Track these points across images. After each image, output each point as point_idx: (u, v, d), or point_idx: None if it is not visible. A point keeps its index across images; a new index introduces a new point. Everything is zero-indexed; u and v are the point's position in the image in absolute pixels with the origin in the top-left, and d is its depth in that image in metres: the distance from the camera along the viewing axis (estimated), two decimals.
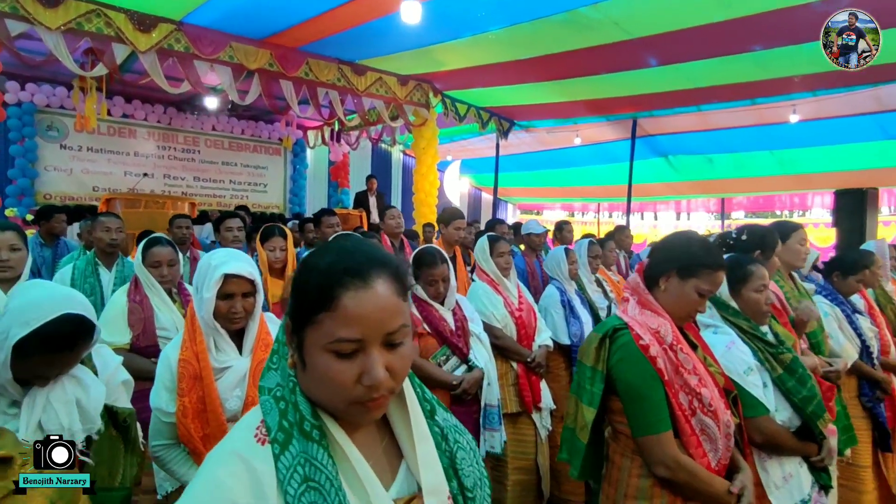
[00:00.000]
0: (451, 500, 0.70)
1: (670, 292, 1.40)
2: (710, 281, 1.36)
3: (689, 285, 1.37)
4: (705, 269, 1.36)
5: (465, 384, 2.06)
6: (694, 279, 1.37)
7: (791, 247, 2.42)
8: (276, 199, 9.11)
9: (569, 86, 6.89)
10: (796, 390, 1.55)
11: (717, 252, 1.39)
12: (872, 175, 7.86)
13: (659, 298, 1.42)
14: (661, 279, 1.42)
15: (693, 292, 1.37)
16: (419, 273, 2.16)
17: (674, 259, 1.41)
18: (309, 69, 6.12)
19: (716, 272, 1.36)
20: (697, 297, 1.37)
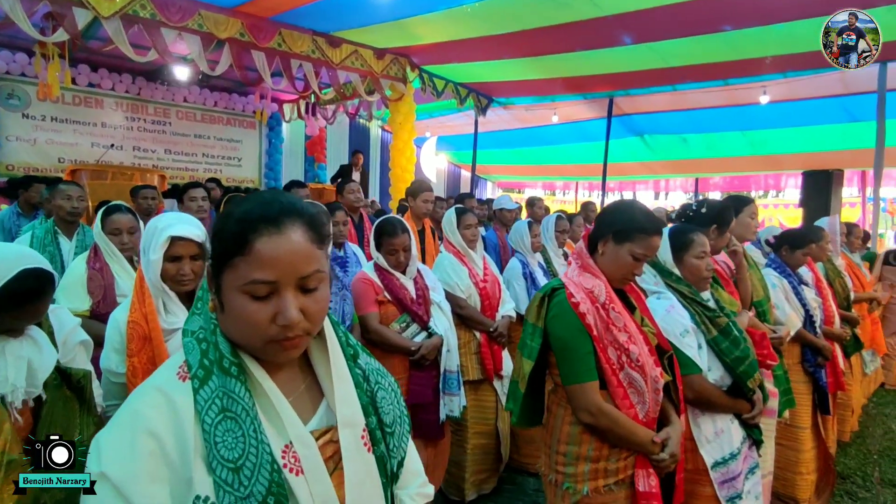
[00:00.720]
0: (367, 433, 0.76)
1: (607, 255, 1.48)
2: (645, 245, 1.43)
3: (624, 249, 1.44)
4: (640, 234, 1.43)
5: (423, 350, 2.12)
6: (629, 243, 1.44)
7: (742, 220, 2.51)
8: (251, 173, 8.99)
9: (546, 63, 6.89)
10: (729, 351, 1.65)
11: (654, 219, 1.45)
12: (838, 157, 8.07)
13: (598, 262, 1.50)
14: (599, 243, 1.49)
15: (627, 255, 1.44)
16: (380, 242, 2.20)
17: (611, 224, 1.48)
18: (282, 40, 6.00)
19: (650, 237, 1.43)
20: (632, 260, 1.44)
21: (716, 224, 2.14)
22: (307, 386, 0.77)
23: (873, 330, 3.83)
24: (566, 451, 1.43)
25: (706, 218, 2.15)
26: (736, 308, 2.02)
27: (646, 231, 1.43)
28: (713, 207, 2.17)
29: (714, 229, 2.14)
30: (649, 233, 1.43)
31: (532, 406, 1.57)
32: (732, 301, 2.03)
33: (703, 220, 2.16)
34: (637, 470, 1.39)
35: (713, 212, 2.15)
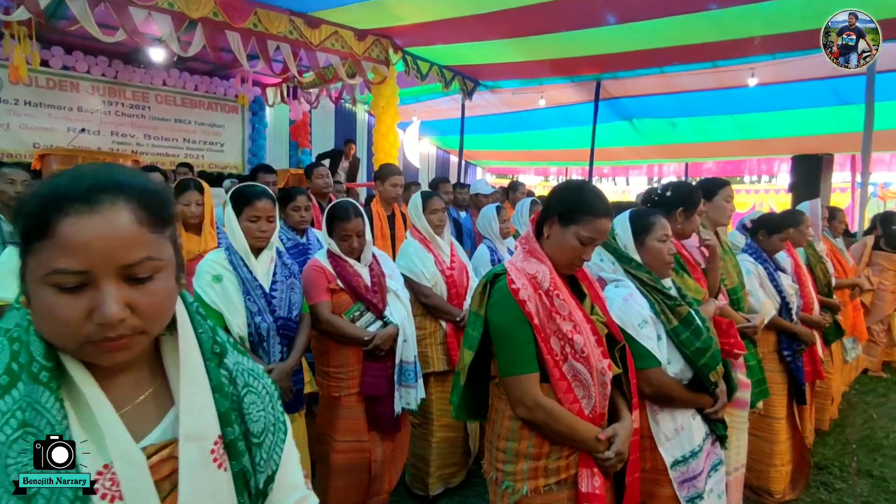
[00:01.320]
0: (221, 446, 0.65)
1: (552, 239, 1.38)
2: (592, 228, 1.33)
3: (570, 232, 1.34)
4: (586, 216, 1.33)
5: (377, 340, 2.03)
6: (574, 226, 1.34)
7: (717, 203, 2.41)
8: (234, 158, 8.82)
9: (532, 44, 6.72)
10: (690, 342, 1.56)
11: (603, 200, 1.35)
12: (828, 141, 7.98)
13: (544, 246, 1.40)
14: (545, 226, 1.39)
15: (573, 239, 1.34)
16: (332, 227, 2.09)
17: (557, 205, 1.38)
18: (258, 20, 5.81)
19: (598, 219, 1.33)
20: (578, 243, 1.34)
21: (682, 207, 2.04)
22: (154, 392, 0.66)
23: (855, 317, 3.77)
24: (505, 447, 1.35)
25: (672, 201, 2.05)
26: (701, 296, 1.93)
27: (593, 212, 1.33)
28: (679, 190, 2.08)
29: (680, 212, 2.04)
30: (596, 214, 1.33)
31: (475, 399, 1.48)
32: (698, 289, 1.94)
33: (670, 203, 2.06)
34: (581, 469, 1.31)
35: (679, 194, 2.05)
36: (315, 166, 3.92)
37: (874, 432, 3.55)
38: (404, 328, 2.13)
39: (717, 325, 1.97)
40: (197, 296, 1.74)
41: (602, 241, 1.38)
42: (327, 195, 3.90)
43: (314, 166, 3.93)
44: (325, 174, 3.85)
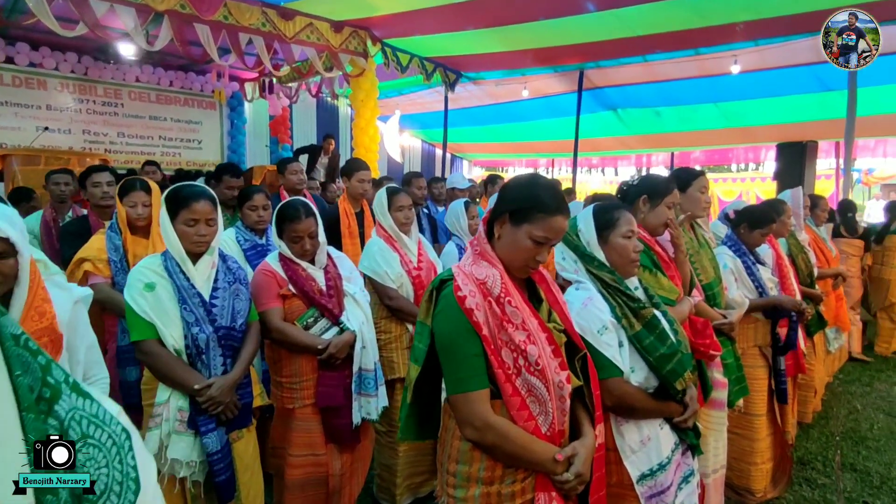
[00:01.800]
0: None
1: (504, 239, 1.26)
2: (545, 227, 1.21)
3: (522, 231, 1.23)
4: (539, 213, 1.21)
5: (332, 348, 1.91)
6: (527, 224, 1.22)
7: (692, 195, 2.31)
8: (213, 155, 8.62)
9: (513, 33, 6.59)
10: (654, 348, 1.45)
11: (557, 196, 1.23)
12: (812, 128, 7.92)
13: (495, 247, 1.28)
14: (495, 225, 1.28)
15: (526, 239, 1.22)
16: (282, 229, 1.96)
17: (508, 202, 1.26)
18: (228, 12, 5.62)
19: (551, 217, 1.21)
20: (532, 244, 1.22)
21: (645, 195, 1.93)
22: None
23: (838, 306, 3.70)
24: (456, 470, 1.23)
25: (637, 189, 1.95)
26: (675, 296, 1.83)
27: (546, 209, 1.21)
28: (646, 179, 1.97)
29: (644, 200, 1.93)
30: (550, 211, 1.21)
31: (425, 417, 1.37)
32: (672, 288, 1.84)
33: (634, 193, 1.96)
34: (538, 493, 1.20)
35: (645, 183, 1.95)
36: (288, 162, 3.78)
37: (858, 424, 3.49)
38: (362, 334, 2.01)
39: (693, 325, 1.87)
40: (127, 306, 1.61)
41: (557, 240, 1.26)
42: (301, 192, 3.77)
43: (287, 162, 3.79)
44: (299, 170, 3.72)
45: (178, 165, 8.10)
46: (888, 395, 3.99)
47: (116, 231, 2.24)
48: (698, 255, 2.29)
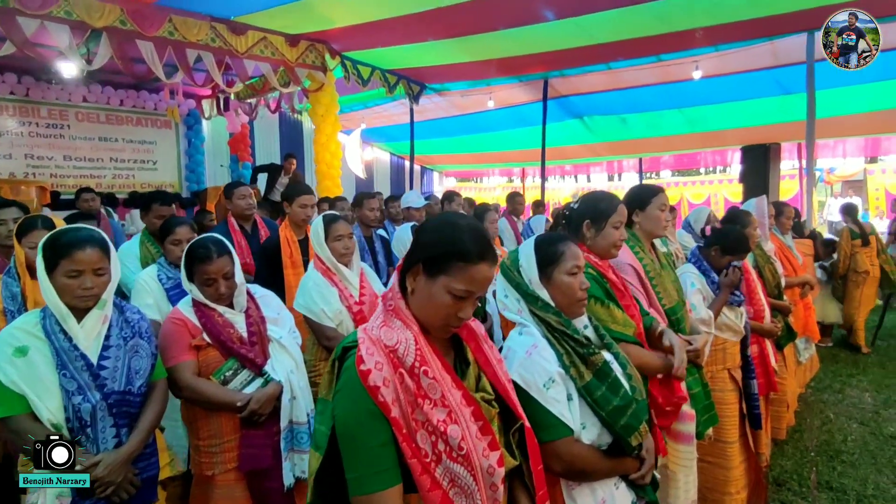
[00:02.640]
0: None
1: (418, 294, 1.07)
2: (466, 278, 1.02)
3: (439, 284, 1.03)
4: (458, 263, 1.02)
5: (253, 404, 1.69)
6: (443, 276, 1.03)
7: (651, 214, 2.16)
8: (170, 176, 8.27)
9: (476, 43, 6.48)
10: (606, 401, 1.27)
11: (480, 240, 1.05)
12: (774, 130, 8.00)
13: (410, 303, 1.09)
14: (408, 277, 1.08)
15: (444, 293, 1.03)
16: (192, 271, 1.74)
17: (421, 249, 1.07)
18: (174, 28, 5.36)
19: (473, 266, 1.02)
20: (451, 299, 1.03)
21: (588, 218, 1.77)
22: None
23: (806, 315, 3.62)
24: None
25: (579, 214, 1.79)
26: (631, 331, 1.66)
27: (466, 257, 1.02)
28: (588, 201, 1.81)
29: (587, 225, 1.77)
30: (471, 259, 1.02)
31: None
32: (627, 321, 1.67)
33: (577, 217, 1.79)
34: None
35: (587, 205, 1.79)
36: (235, 186, 3.53)
37: (832, 436, 3.39)
38: (291, 383, 1.79)
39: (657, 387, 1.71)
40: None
41: (483, 292, 1.07)
42: (251, 218, 3.53)
43: (234, 186, 3.54)
44: (248, 194, 3.48)
45: (132, 188, 7.75)
46: (860, 402, 3.92)
47: (14, 276, 1.99)
48: (660, 277, 2.14)
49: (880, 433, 3.41)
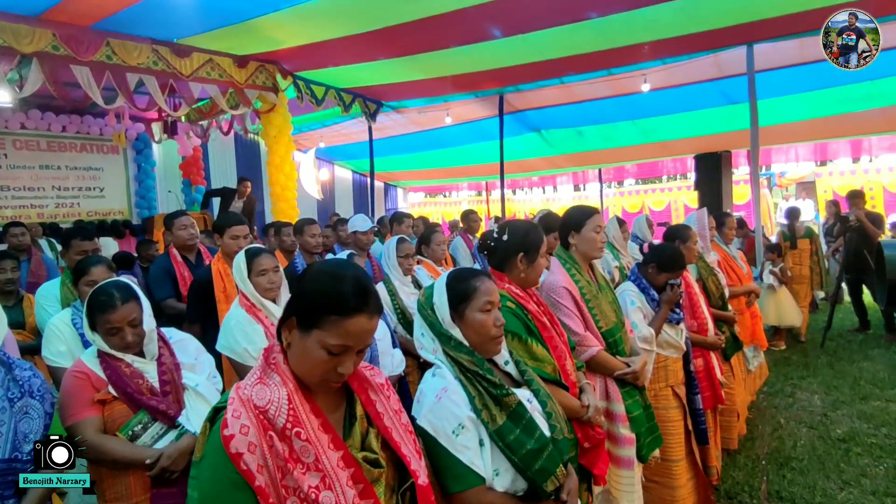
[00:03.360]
0: None
1: (294, 348, 1.00)
2: (340, 332, 0.95)
3: (312, 339, 0.96)
4: (330, 316, 0.95)
5: (163, 460, 1.57)
6: (317, 331, 0.96)
7: (586, 236, 2.16)
8: (118, 203, 7.98)
9: (429, 61, 6.48)
10: (519, 444, 1.22)
11: (359, 289, 0.98)
12: (723, 139, 8.24)
13: (289, 357, 1.02)
14: (283, 331, 1.02)
15: (318, 348, 0.96)
16: (94, 320, 1.63)
17: (295, 301, 1.01)
18: (112, 52, 5.19)
19: (348, 319, 0.95)
20: (326, 355, 0.96)
21: (522, 252, 1.74)
22: None
23: (753, 324, 3.67)
24: None
25: (511, 246, 1.75)
26: (549, 367, 1.62)
27: (341, 309, 0.95)
28: (516, 232, 1.77)
29: (522, 258, 1.75)
30: (347, 312, 0.95)
31: None
32: (545, 357, 1.63)
33: (508, 249, 1.76)
34: None
35: (517, 238, 1.75)
36: (175, 216, 3.39)
37: (783, 442, 3.44)
38: None
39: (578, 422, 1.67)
40: None
41: (364, 345, 1.01)
42: (194, 248, 3.39)
43: (174, 216, 3.40)
44: (188, 224, 3.34)
45: (77, 217, 7.44)
46: (809, 405, 3.99)
47: None
48: (597, 299, 2.12)
49: (828, 436, 3.47)
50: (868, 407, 3.88)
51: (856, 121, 7.83)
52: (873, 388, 4.24)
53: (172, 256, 3.23)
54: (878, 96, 6.88)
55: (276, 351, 1.02)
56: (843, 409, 3.90)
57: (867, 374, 4.55)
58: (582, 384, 1.77)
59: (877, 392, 4.14)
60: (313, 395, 1.01)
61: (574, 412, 1.64)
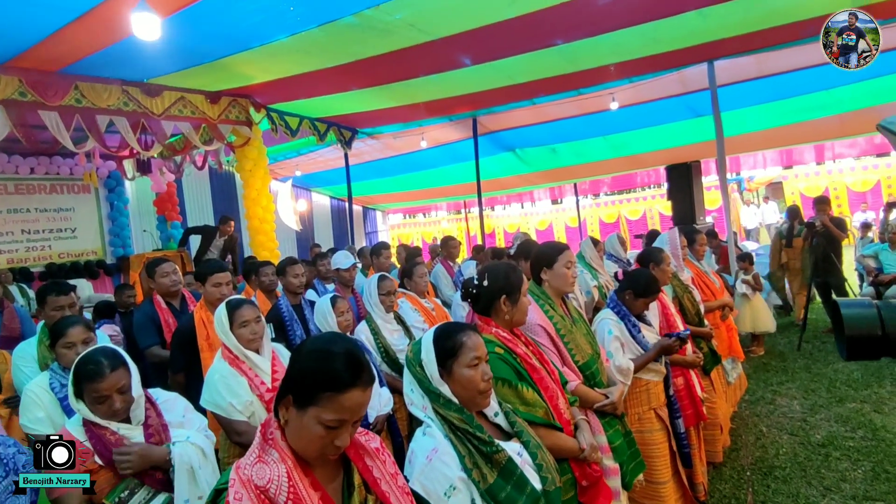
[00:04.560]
0: None
1: (291, 425, 1.03)
2: (336, 407, 0.99)
3: (309, 416, 1.00)
4: (325, 393, 0.99)
5: None
6: (313, 408, 0.99)
7: (558, 272, 2.21)
8: (91, 243, 7.84)
9: (401, 89, 6.58)
10: (510, 501, 1.25)
11: (352, 364, 1.02)
12: (693, 149, 8.49)
13: (287, 433, 1.04)
14: (280, 409, 1.05)
15: (315, 424, 0.99)
16: (80, 388, 1.62)
17: (291, 381, 1.04)
18: (81, 95, 5.16)
19: (343, 394, 0.99)
20: (324, 430, 0.99)
21: (504, 294, 1.79)
22: None
23: (730, 337, 3.77)
24: None
25: (492, 291, 1.80)
26: (541, 410, 1.65)
27: (336, 386, 0.99)
28: (495, 276, 1.82)
29: (504, 300, 1.79)
30: (341, 388, 0.99)
31: None
32: (536, 401, 1.66)
33: (491, 293, 1.80)
34: None
35: (497, 282, 1.80)
36: (157, 263, 3.34)
37: (766, 451, 3.52)
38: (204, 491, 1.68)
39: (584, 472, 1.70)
40: None
41: (359, 417, 1.05)
42: (178, 294, 3.35)
43: (156, 263, 3.35)
44: (171, 271, 3.29)
45: (48, 260, 7.29)
46: (789, 411, 4.10)
47: None
48: (571, 333, 2.17)
49: (808, 442, 3.57)
50: (844, 409, 3.99)
51: (815, 127, 8.17)
52: (849, 389, 4.37)
53: (156, 303, 3.20)
54: (834, 104, 7.20)
55: (273, 427, 1.05)
56: (822, 412, 4.01)
57: (842, 375, 4.68)
58: (577, 421, 1.80)
59: (852, 393, 4.27)
60: (311, 468, 1.03)
61: (571, 453, 1.67)
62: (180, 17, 3.91)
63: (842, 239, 6.22)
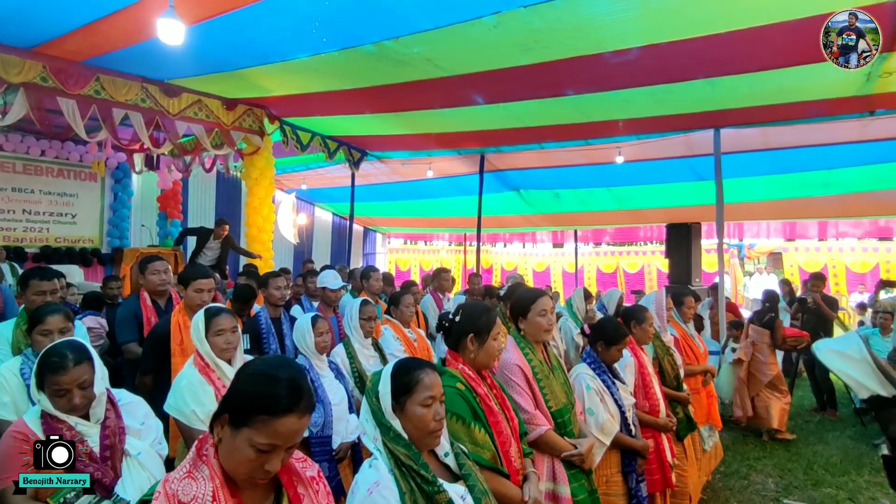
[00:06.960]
0: None
1: (224, 445, 1.03)
2: (269, 432, 0.99)
3: (242, 437, 1.00)
4: (259, 416, 0.99)
5: None
6: (246, 429, 0.99)
7: (532, 321, 2.23)
8: (90, 231, 7.86)
9: (414, 118, 6.72)
10: None
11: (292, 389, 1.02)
12: (693, 211, 8.59)
13: (220, 451, 1.04)
14: (215, 426, 1.04)
15: (246, 446, 0.99)
16: (42, 381, 1.61)
17: (228, 400, 1.04)
18: (101, 87, 5.27)
19: (277, 419, 0.99)
20: (255, 453, 0.99)
21: (472, 333, 1.80)
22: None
23: (709, 403, 3.74)
24: None
25: (463, 327, 1.81)
26: (489, 454, 1.64)
27: (272, 409, 0.99)
28: (469, 314, 1.84)
29: (471, 339, 1.80)
30: (277, 412, 0.99)
31: None
32: (486, 443, 1.66)
33: (461, 330, 1.82)
34: None
35: (468, 319, 1.81)
36: (150, 260, 3.34)
37: None
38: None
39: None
40: None
41: (293, 444, 1.04)
42: (165, 293, 3.34)
43: (149, 260, 3.35)
44: (162, 269, 3.29)
45: (44, 242, 7.30)
46: (763, 489, 4.03)
47: None
48: (548, 379, 2.17)
49: None
50: (819, 494, 3.92)
51: (816, 204, 8.29)
52: (826, 473, 4.31)
53: (142, 300, 3.19)
54: (835, 184, 7.33)
55: (208, 443, 1.04)
56: (796, 493, 3.94)
57: (821, 458, 4.61)
58: (527, 472, 1.79)
59: (829, 478, 4.20)
60: (240, 490, 1.02)
61: (513, 501, 1.65)
62: (205, 27, 4.03)
63: (832, 318, 6.23)
